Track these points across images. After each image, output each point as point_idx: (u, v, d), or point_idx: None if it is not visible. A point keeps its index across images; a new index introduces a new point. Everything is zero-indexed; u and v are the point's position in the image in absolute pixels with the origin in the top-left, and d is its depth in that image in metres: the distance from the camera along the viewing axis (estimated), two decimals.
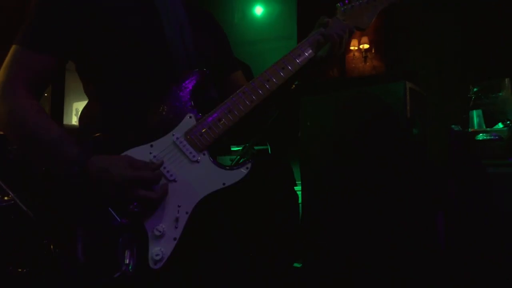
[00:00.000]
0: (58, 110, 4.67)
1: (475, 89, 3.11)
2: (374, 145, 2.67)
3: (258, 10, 6.31)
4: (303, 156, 2.94)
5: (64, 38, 1.09)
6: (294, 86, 1.37)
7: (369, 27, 1.30)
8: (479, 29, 3.93)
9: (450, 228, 2.58)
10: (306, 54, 1.22)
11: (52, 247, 0.99)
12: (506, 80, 3.02)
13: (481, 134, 2.72)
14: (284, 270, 3.02)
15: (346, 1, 1.27)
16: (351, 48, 5.66)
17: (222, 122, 1.11)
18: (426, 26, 4.51)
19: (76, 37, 1.10)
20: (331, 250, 2.75)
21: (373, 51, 5.50)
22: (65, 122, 4.82)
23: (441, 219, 2.85)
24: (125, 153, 1.05)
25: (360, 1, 1.28)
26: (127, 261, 0.97)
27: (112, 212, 1.00)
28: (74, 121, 4.94)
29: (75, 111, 5.02)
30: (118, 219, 1.00)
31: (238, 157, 2.83)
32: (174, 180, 1.07)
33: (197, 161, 1.09)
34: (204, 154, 1.10)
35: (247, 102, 1.13)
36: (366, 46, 5.49)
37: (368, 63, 5.56)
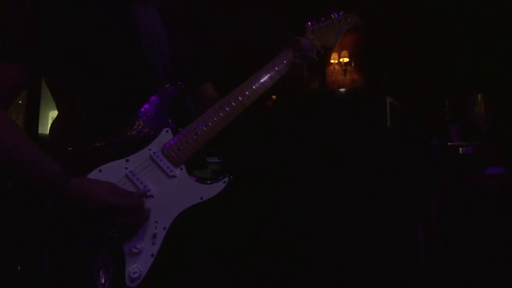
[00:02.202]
0: (33, 119, 4.54)
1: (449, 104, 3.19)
2: (355, 157, 2.69)
3: None
4: (286, 166, 2.94)
5: (32, 47, 1.04)
6: (274, 97, 1.38)
7: (337, 46, 1.38)
8: (455, 46, 4.05)
9: (429, 241, 2.60)
10: (278, 70, 1.25)
11: (19, 267, 0.94)
12: (479, 95, 3.12)
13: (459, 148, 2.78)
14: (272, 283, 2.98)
15: (314, 22, 1.34)
16: (331, 61, 5.75)
17: (199, 136, 1.11)
18: (404, 42, 4.61)
19: (46, 46, 1.05)
20: (317, 263, 2.74)
21: (352, 65, 5.60)
22: (40, 131, 4.68)
23: (421, 232, 2.88)
24: (99, 168, 1.02)
25: (327, 22, 1.35)
26: (102, 281, 0.94)
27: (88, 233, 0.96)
28: None
29: (51, 120, 4.88)
30: (94, 240, 0.96)
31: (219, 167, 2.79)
32: (151, 196, 1.05)
33: (174, 176, 1.07)
34: (181, 169, 1.08)
35: (223, 116, 1.13)
36: (346, 59, 5.59)
37: (347, 76, 5.65)
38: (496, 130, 3.09)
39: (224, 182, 1.09)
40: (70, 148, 1.04)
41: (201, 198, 1.07)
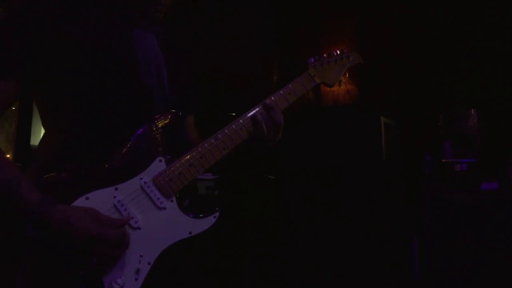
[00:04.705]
0: (25, 130, 4.48)
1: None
2: (350, 173, 2.68)
3: None
4: (282, 182, 2.93)
5: (22, 63, 1.01)
6: None
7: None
8: (449, 60, 4.05)
9: (425, 258, 2.58)
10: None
11: None
12: (472, 110, 3.11)
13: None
14: None
15: (317, 58, 1.34)
16: None
17: (193, 168, 1.07)
18: (398, 53, 4.62)
19: (37, 63, 1.02)
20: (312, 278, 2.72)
21: (347, 76, 5.60)
22: (32, 142, 4.63)
23: (416, 246, 2.86)
24: (86, 195, 0.99)
25: (329, 60, 1.34)
26: None
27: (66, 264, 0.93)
28: None
29: (43, 131, 4.83)
30: (73, 271, 0.93)
31: (214, 186, 2.76)
32: (138, 228, 1.01)
33: (164, 208, 1.04)
34: (172, 201, 1.05)
35: (219, 149, 1.10)
36: None
37: (342, 87, 5.65)
38: (489, 144, 3.09)
39: (215, 217, 1.06)
40: (58, 172, 1.00)
41: (190, 233, 1.04)
